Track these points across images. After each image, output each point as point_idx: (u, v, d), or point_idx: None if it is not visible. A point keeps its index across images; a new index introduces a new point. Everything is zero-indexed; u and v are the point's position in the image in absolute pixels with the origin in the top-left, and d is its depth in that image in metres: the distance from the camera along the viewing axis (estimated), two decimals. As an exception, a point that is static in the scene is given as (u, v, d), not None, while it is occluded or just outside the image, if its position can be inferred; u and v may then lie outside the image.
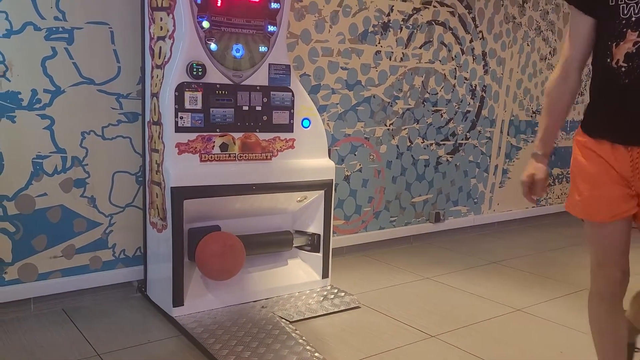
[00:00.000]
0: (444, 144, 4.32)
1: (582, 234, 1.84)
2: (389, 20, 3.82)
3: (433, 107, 4.18)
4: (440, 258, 3.89)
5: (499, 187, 4.82)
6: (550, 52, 5.02)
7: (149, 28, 2.68)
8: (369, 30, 3.74)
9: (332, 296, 2.91)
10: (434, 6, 4.07)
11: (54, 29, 2.61)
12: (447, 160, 4.37)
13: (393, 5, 3.82)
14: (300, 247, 3.03)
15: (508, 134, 4.81)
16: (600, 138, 1.70)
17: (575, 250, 4.21)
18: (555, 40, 5.04)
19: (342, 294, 2.95)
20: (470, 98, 4.44)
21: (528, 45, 4.82)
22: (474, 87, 4.45)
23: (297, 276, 2.99)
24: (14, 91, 2.54)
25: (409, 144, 4.08)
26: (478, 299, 3.10)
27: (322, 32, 3.52)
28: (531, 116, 4.98)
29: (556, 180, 5.36)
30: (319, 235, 2.99)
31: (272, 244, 2.92)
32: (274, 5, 2.70)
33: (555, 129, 1.86)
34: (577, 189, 1.76)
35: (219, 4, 2.56)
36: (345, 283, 3.19)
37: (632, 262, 1.75)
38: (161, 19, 2.59)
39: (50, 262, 2.73)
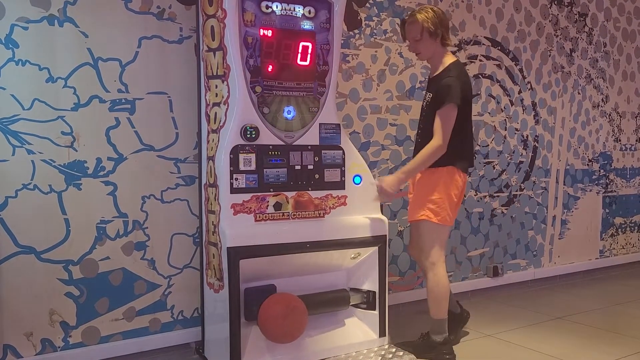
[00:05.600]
0: (497, 196, 4.25)
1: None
2: (435, 76, 3.86)
3: (484, 159, 4.15)
4: (501, 314, 3.75)
5: (559, 238, 4.66)
6: (602, 100, 4.94)
7: (205, 95, 2.81)
8: (416, 87, 3.79)
9: (390, 355, 2.84)
10: (480, 60, 4.11)
11: (117, 100, 2.77)
12: (502, 212, 4.28)
13: (439, 61, 3.88)
14: (356, 305, 2.99)
15: (564, 184, 4.69)
16: None
17: (646, 304, 3.99)
18: (607, 87, 4.97)
19: (401, 352, 2.87)
20: (523, 148, 4.38)
21: (579, 93, 4.76)
22: (525, 138, 4.40)
23: (354, 335, 2.93)
24: (80, 160, 2.69)
25: (461, 197, 4.03)
26: (544, 358, 2.95)
27: (369, 90, 3.59)
28: (587, 165, 4.85)
29: (619, 230, 5.14)
30: (374, 292, 2.95)
31: (329, 303, 2.89)
32: (322, 68, 2.80)
33: None
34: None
35: (270, 70, 2.67)
36: (403, 341, 3.10)
37: None
38: (216, 86, 2.72)
39: (112, 325, 2.79)
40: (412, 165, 2.81)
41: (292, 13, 2.71)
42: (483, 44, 4.13)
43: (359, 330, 2.96)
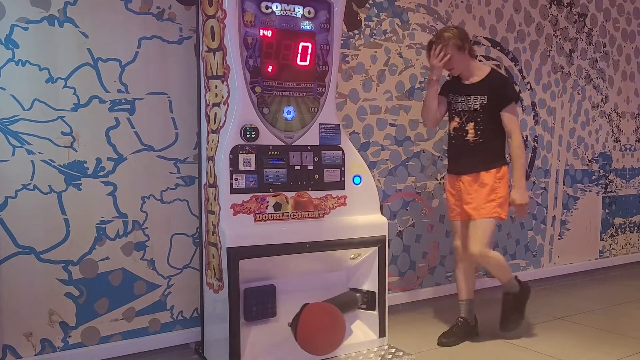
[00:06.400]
0: (497, 196, 4.24)
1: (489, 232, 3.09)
2: (435, 76, 3.86)
3: (484, 159, 4.14)
4: (501, 314, 3.74)
5: (559, 239, 4.67)
6: (602, 100, 4.95)
7: (205, 95, 2.81)
8: (416, 87, 3.79)
9: (390, 356, 2.84)
10: (480, 60, 4.10)
11: (117, 100, 2.77)
12: (502, 212, 4.27)
13: (438, 62, 3.87)
14: (356, 306, 2.99)
15: (564, 184, 4.69)
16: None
17: (646, 304, 3.99)
18: (606, 87, 4.97)
19: (400, 353, 2.87)
20: (522, 149, 4.37)
21: (579, 93, 4.77)
22: (525, 138, 4.39)
23: (354, 335, 2.93)
24: (80, 160, 2.69)
25: (461, 197, 4.02)
26: (544, 358, 2.95)
27: (369, 90, 3.60)
28: (587, 165, 4.85)
29: (619, 230, 5.14)
30: (374, 292, 2.95)
31: (345, 307, 2.87)
32: (322, 68, 2.80)
33: None
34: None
35: (269, 70, 2.67)
36: (403, 342, 3.10)
37: None
38: (216, 87, 2.72)
39: (112, 325, 2.79)
40: (519, 170, 3.09)
41: (291, 13, 2.71)
42: (482, 44, 4.13)
43: (358, 330, 2.96)
